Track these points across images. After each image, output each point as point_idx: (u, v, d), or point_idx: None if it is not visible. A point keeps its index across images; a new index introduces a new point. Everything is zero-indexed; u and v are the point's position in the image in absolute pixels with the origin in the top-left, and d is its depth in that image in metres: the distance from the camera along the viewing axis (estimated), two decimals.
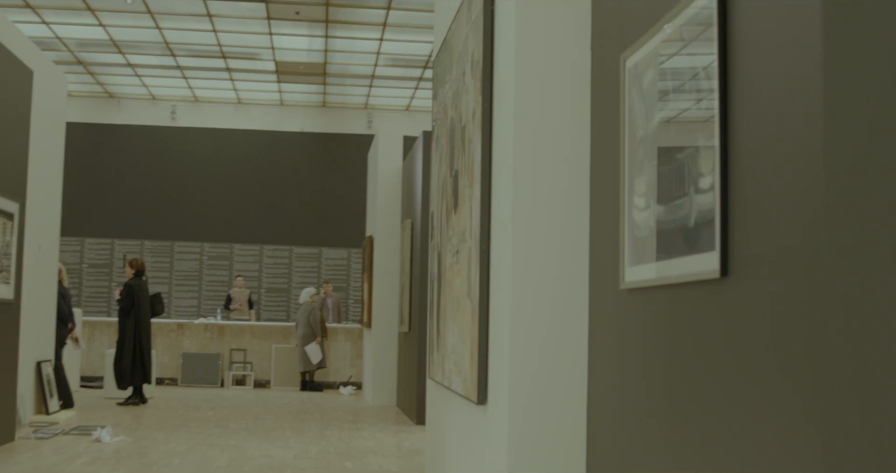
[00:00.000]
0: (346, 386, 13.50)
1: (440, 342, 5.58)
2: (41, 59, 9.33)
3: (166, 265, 17.35)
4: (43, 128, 8.84)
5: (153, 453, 7.42)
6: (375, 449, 7.92)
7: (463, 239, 4.84)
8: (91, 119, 17.82)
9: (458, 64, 5.15)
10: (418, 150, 10.23)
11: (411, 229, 10.40)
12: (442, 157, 5.72)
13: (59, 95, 10.03)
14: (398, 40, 14.50)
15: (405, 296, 10.66)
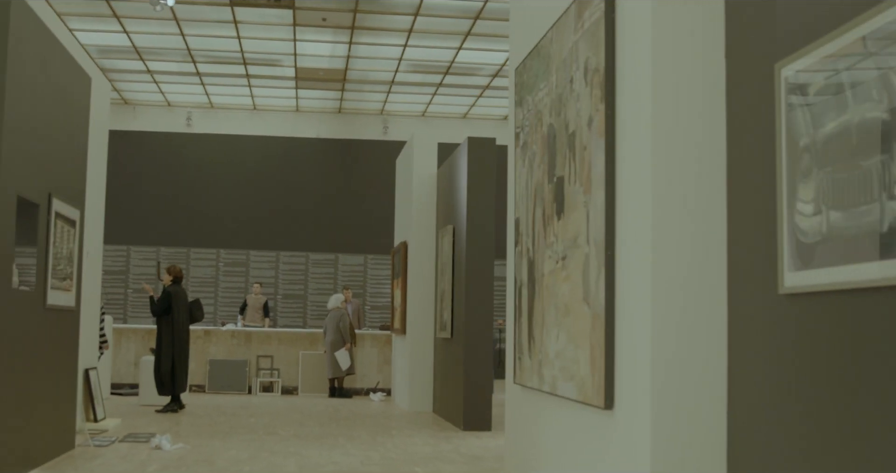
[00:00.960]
0: (376, 393, 13.48)
1: (534, 348, 5.61)
2: (89, 65, 9.30)
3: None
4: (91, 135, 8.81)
5: (219, 460, 7.39)
6: (436, 455, 7.92)
7: (574, 245, 4.87)
8: None
9: (562, 71, 5.18)
10: (461, 156, 10.26)
11: (453, 234, 10.42)
12: (534, 163, 5.74)
13: (104, 103, 10.00)
14: (422, 46, 14.53)
15: (445, 302, 10.67)
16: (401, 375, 12.45)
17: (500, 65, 15.34)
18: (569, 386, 4.90)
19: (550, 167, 5.37)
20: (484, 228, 9.86)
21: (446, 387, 10.72)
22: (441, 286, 10.92)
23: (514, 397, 6.23)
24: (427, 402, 11.58)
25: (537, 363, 5.53)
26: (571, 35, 5.03)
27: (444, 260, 10.82)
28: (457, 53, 14.78)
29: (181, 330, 11.02)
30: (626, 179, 4.33)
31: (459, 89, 16.83)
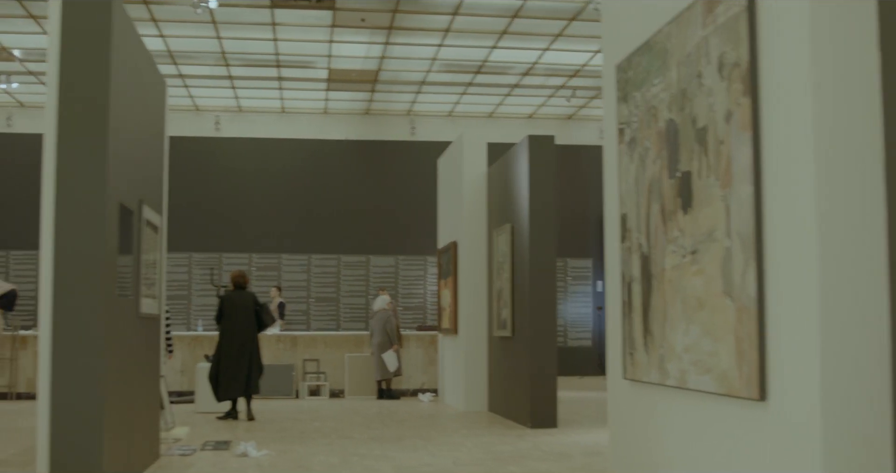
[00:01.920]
0: (425, 393, 13.49)
1: (652, 343, 5.62)
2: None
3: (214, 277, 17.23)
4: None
5: (313, 465, 7.38)
6: (521, 453, 7.94)
7: (709, 239, 4.88)
8: None
9: (686, 66, 5.19)
10: (519, 154, 10.27)
11: (511, 232, 10.43)
12: (646, 159, 5.75)
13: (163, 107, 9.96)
14: (456, 46, 14.53)
15: (503, 301, 10.68)
16: (452, 375, 12.45)
17: (531, 63, 15.35)
18: (704, 379, 4.91)
19: (671, 162, 5.38)
20: (547, 226, 9.87)
21: (506, 386, 10.72)
22: (498, 285, 10.93)
23: (622, 393, 6.24)
24: (482, 401, 11.59)
25: (657, 358, 5.54)
26: (699, 30, 5.04)
27: (501, 259, 10.82)
28: (490, 52, 14.79)
29: (236, 337, 10.77)
30: (774, 172, 4.34)
31: (487, 88, 16.83)
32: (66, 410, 5.67)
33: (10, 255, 17.10)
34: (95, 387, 5.71)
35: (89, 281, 5.76)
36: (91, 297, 5.74)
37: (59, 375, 5.69)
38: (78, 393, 5.68)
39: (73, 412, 5.67)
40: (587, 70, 15.69)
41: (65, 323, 5.71)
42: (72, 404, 5.68)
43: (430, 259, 17.83)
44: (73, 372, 5.69)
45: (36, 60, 15.32)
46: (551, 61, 15.23)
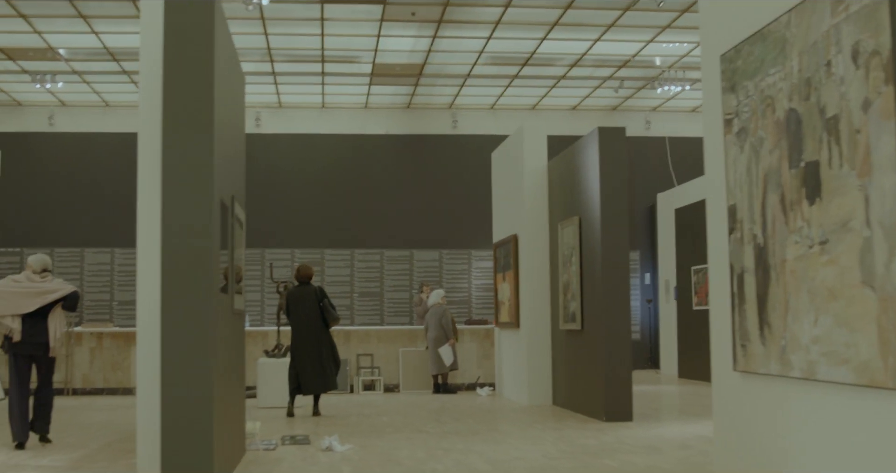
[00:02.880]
0: (483, 387, 13.45)
1: (771, 335, 5.55)
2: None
3: (257, 273, 17.24)
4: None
5: (402, 459, 7.34)
6: (609, 447, 7.89)
7: (844, 229, 4.81)
8: None
9: (810, 55, 5.13)
10: (588, 146, 10.21)
11: (579, 224, 10.37)
12: (760, 149, 5.69)
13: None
14: (506, 38, 14.46)
15: (570, 293, 10.63)
16: (512, 369, 12.41)
17: (580, 54, 15.27)
18: (839, 371, 4.85)
19: (793, 152, 5.31)
20: (619, 218, 9.81)
21: (574, 379, 10.68)
22: (564, 278, 10.88)
23: (731, 385, 6.18)
24: (546, 395, 11.54)
25: (778, 350, 5.48)
26: (827, 18, 4.97)
27: (567, 252, 10.77)
28: (539, 44, 14.72)
29: (303, 334, 10.64)
30: None
31: (533, 81, 16.76)
32: (177, 407, 5.65)
33: (55, 252, 17.11)
34: (207, 384, 5.69)
35: (199, 278, 5.73)
36: (201, 294, 5.72)
37: (169, 372, 5.67)
38: (189, 390, 5.67)
39: (185, 410, 5.66)
40: (637, 60, 15.60)
41: (175, 321, 5.69)
42: (183, 401, 5.66)
43: (475, 253, 17.80)
44: (184, 370, 5.68)
45: (81, 59, 15.31)
46: (601, 52, 15.14)
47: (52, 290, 8.25)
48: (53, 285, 8.34)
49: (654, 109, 18.67)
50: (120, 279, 17.25)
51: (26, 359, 8.24)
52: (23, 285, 8.24)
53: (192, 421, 5.66)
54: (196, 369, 5.68)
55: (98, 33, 14.01)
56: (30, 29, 13.76)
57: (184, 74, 5.86)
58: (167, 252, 5.73)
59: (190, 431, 5.65)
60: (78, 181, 17.48)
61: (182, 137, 5.82)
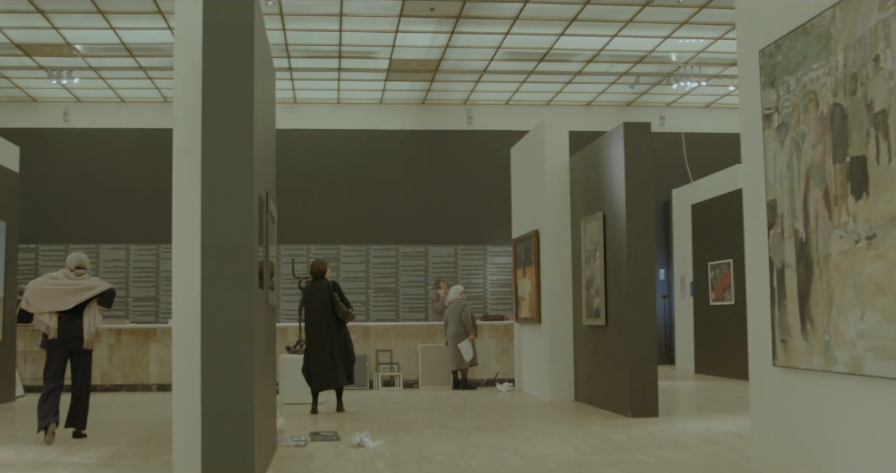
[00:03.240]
0: (503, 383, 13.45)
1: (813, 330, 5.55)
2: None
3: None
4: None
5: (434, 455, 7.33)
6: (639, 442, 7.88)
7: (893, 223, 4.80)
8: None
9: (856, 50, 5.12)
10: (612, 141, 10.19)
11: (603, 220, 10.36)
12: (802, 144, 5.68)
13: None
14: (523, 34, 14.44)
15: (594, 289, 10.62)
16: (534, 364, 12.40)
17: (597, 50, 15.25)
18: (888, 365, 4.84)
19: (838, 147, 5.30)
20: (644, 213, 9.80)
21: (598, 375, 10.67)
22: (587, 273, 10.86)
23: (770, 380, 6.17)
24: (568, 390, 11.53)
25: (822, 345, 5.47)
26: (875, 13, 4.96)
27: (591, 247, 10.76)
28: (557, 40, 14.70)
29: (315, 328, 10.59)
30: None
31: (548, 76, 16.74)
32: (219, 404, 5.62)
33: (69, 248, 17.11)
34: (248, 382, 5.67)
35: (240, 274, 5.72)
36: (242, 290, 5.70)
37: (210, 369, 5.63)
38: (231, 387, 5.63)
39: (226, 407, 5.62)
40: (653, 56, 15.57)
41: (216, 317, 5.66)
42: (224, 398, 5.63)
43: (490, 249, 17.79)
44: (226, 366, 5.64)
45: (97, 55, 15.30)
46: (618, 48, 15.11)
47: (89, 287, 8.51)
48: (90, 282, 8.57)
49: (669, 105, 18.65)
50: (135, 276, 17.26)
51: (63, 354, 8.46)
52: (60, 283, 8.46)
53: (234, 418, 5.64)
54: (237, 366, 5.66)
55: (115, 29, 14.00)
56: (47, 25, 13.75)
57: (224, 69, 5.84)
58: (207, 249, 5.71)
59: (231, 428, 5.63)
60: (93, 177, 17.48)
61: (222, 133, 5.79)
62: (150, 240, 17.25)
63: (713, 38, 14.68)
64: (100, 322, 8.62)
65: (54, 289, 8.38)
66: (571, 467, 6.73)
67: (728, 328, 14.37)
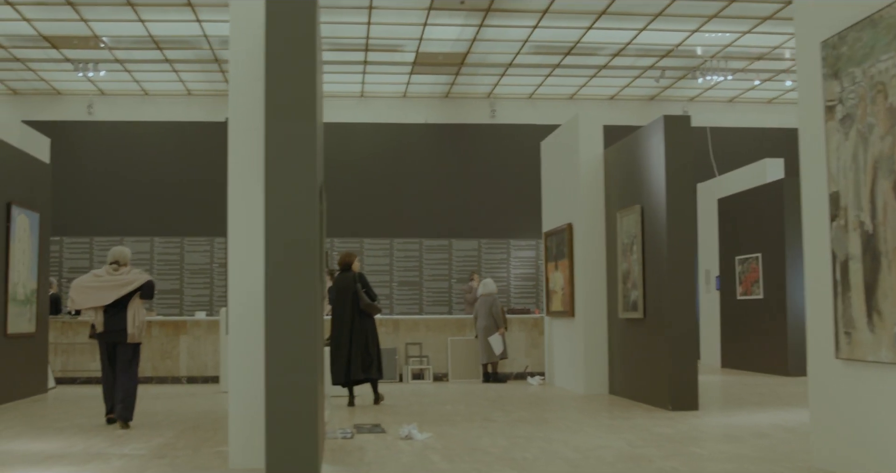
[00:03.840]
0: (533, 376, 13.45)
1: (880, 322, 5.53)
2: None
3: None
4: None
5: (486, 448, 7.32)
6: (690, 434, 7.87)
7: None
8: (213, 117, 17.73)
9: None
10: (651, 135, 10.17)
11: (641, 213, 10.35)
12: (869, 136, 5.66)
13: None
14: (552, 27, 14.41)
15: (630, 282, 10.61)
16: (565, 357, 12.39)
17: (624, 43, 15.22)
18: None
19: None
20: (685, 207, 9.79)
21: (635, 368, 10.66)
22: (623, 267, 10.85)
23: (833, 373, 6.15)
24: (602, 384, 11.53)
25: (890, 338, 5.46)
26: None
27: (627, 240, 10.74)
28: (585, 33, 14.67)
29: (340, 321, 10.53)
30: None
31: (573, 70, 16.71)
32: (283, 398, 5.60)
33: (94, 241, 17.13)
34: (313, 374, 5.68)
35: (305, 266, 5.71)
36: (306, 282, 5.69)
37: (275, 363, 5.61)
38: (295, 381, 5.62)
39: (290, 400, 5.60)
40: (680, 50, 15.55)
41: (281, 310, 5.65)
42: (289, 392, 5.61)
43: (514, 242, 17.79)
44: (291, 360, 5.63)
45: (124, 48, 15.30)
46: (645, 41, 15.09)
47: (128, 282, 8.74)
48: (130, 276, 8.78)
49: (692, 100, 18.62)
50: (160, 268, 17.27)
51: (110, 347, 8.81)
52: (102, 280, 8.74)
53: (298, 412, 5.61)
54: (302, 359, 5.63)
55: (144, 21, 14.00)
56: (76, 17, 13.75)
57: (287, 62, 5.82)
58: (272, 242, 5.70)
59: (295, 422, 5.60)
60: (117, 170, 17.48)
61: (286, 126, 5.78)
62: (173, 232, 17.27)
63: (741, 31, 14.65)
64: (143, 316, 8.79)
65: (95, 286, 8.68)
66: (628, 459, 6.72)
67: (756, 322, 14.36)
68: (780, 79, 17.18)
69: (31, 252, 11.61)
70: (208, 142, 17.62)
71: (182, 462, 6.77)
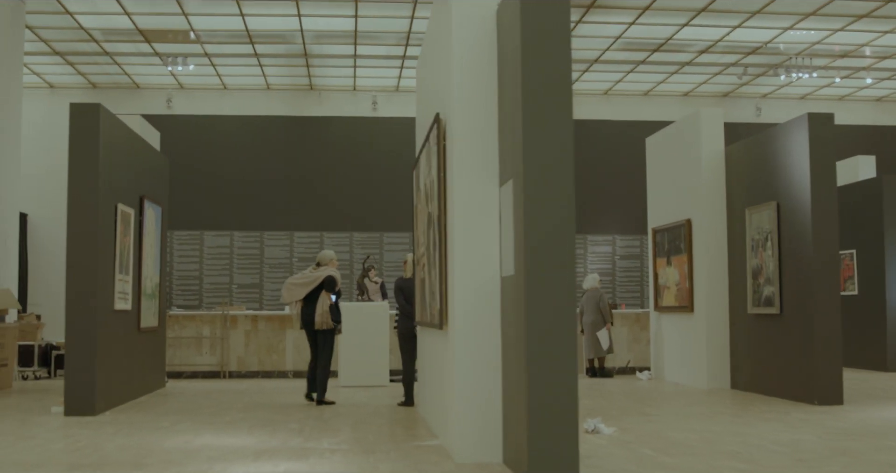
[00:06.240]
0: (642, 371, 13.55)
1: None
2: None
3: (375, 257, 17.30)
4: None
5: (683, 440, 7.41)
6: (866, 429, 7.97)
7: None
8: (293, 112, 17.78)
9: None
10: (793, 132, 10.28)
11: (777, 210, 10.46)
12: None
13: None
14: (647, 24, 14.48)
15: (763, 277, 10.71)
16: (679, 353, 12.50)
17: (714, 40, 15.32)
18: None
19: None
20: (829, 203, 9.90)
21: (768, 363, 10.75)
22: (753, 262, 10.96)
23: None
24: (724, 378, 11.64)
25: None
26: None
27: (758, 236, 10.85)
28: (678, 30, 14.75)
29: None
30: None
31: (655, 66, 16.79)
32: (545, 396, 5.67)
33: (174, 235, 17.15)
34: (573, 370, 5.74)
35: (562, 263, 5.79)
36: (564, 278, 5.77)
37: (536, 361, 5.68)
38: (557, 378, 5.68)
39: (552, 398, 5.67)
40: (769, 47, 15.65)
41: (540, 307, 5.72)
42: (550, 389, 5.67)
43: (591, 238, 17.86)
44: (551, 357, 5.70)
45: (216, 42, 15.30)
46: (736, 38, 15.18)
47: (315, 278, 10.15)
48: (318, 273, 10.12)
49: (764, 97, 18.73)
50: (239, 263, 17.29)
51: (312, 334, 10.30)
52: (303, 277, 10.27)
53: (560, 408, 5.67)
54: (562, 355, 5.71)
55: (245, 15, 14.00)
56: (176, 10, 13.75)
57: (544, 66, 5.89)
58: (531, 239, 5.77)
59: (558, 418, 5.66)
60: (195, 164, 17.47)
61: (543, 131, 5.86)
62: (252, 227, 17.31)
63: (832, 29, 14.76)
64: (325, 307, 10.03)
65: (297, 283, 10.22)
66: (840, 453, 6.79)
67: (851, 318, 14.49)
68: (860, 76, 17.29)
69: (156, 246, 11.63)
70: (287, 136, 17.67)
71: (397, 456, 6.81)
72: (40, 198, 16.44)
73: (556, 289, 5.75)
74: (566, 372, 5.71)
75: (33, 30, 14.46)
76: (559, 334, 5.72)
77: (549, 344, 5.71)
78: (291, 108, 17.79)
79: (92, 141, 9.31)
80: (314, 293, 10.10)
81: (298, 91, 17.89)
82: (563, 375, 5.70)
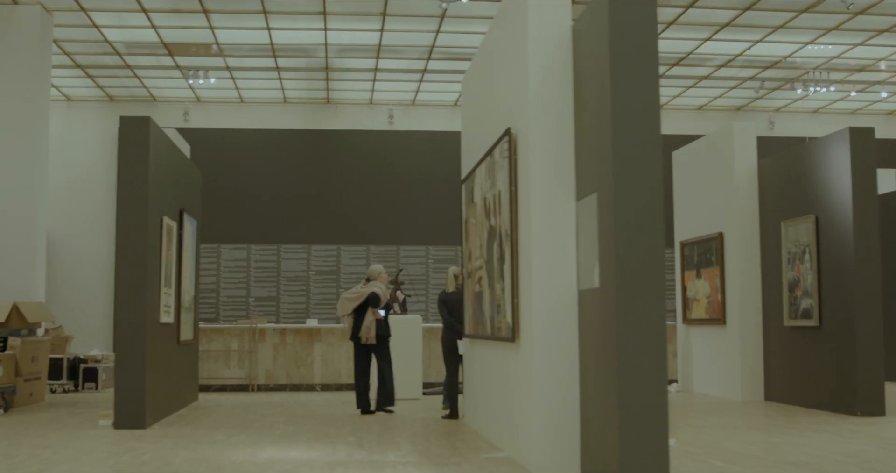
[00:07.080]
0: (671, 383, 13.62)
1: None
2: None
3: (391, 270, 17.29)
4: None
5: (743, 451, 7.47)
6: None
7: None
8: (310, 125, 17.79)
9: None
10: (832, 145, 10.40)
11: (815, 223, 10.57)
12: None
13: None
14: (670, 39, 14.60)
15: (801, 290, 10.80)
16: (710, 365, 12.57)
17: (734, 55, 15.46)
18: None
19: None
20: (869, 217, 10.01)
21: (806, 375, 10.83)
22: (790, 275, 11.05)
23: None
24: (758, 390, 11.71)
25: None
26: None
27: (795, 249, 10.95)
28: (700, 45, 14.89)
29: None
30: None
31: (672, 80, 16.93)
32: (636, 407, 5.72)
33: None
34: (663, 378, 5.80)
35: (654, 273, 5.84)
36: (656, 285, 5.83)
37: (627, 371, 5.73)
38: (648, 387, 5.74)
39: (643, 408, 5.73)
40: (788, 62, 15.81)
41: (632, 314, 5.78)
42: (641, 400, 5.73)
43: None
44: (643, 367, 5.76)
45: (239, 55, 15.31)
46: (756, 53, 15.33)
47: (361, 294, 10.66)
48: (365, 289, 10.70)
49: (777, 110, 18.91)
50: (256, 276, 17.26)
51: (362, 348, 10.70)
52: (353, 292, 10.79)
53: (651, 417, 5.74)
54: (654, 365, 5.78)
55: (271, 29, 14.03)
56: (204, 24, 13.76)
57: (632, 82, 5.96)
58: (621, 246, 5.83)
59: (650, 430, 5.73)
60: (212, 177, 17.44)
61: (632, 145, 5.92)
62: (270, 240, 17.29)
63: (852, 44, 14.94)
64: (369, 322, 10.44)
65: (349, 298, 10.72)
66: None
67: None
68: (875, 90, 17.49)
69: (192, 259, 11.62)
70: (303, 149, 17.68)
71: (471, 469, 6.82)
72: (59, 213, 16.34)
73: (647, 301, 5.80)
74: (657, 383, 5.77)
75: (58, 43, 14.43)
76: (650, 345, 5.78)
77: (640, 356, 5.77)
78: (308, 121, 17.82)
79: (142, 154, 9.29)
80: (363, 308, 10.63)
81: (315, 104, 17.93)
82: (654, 386, 5.76)
